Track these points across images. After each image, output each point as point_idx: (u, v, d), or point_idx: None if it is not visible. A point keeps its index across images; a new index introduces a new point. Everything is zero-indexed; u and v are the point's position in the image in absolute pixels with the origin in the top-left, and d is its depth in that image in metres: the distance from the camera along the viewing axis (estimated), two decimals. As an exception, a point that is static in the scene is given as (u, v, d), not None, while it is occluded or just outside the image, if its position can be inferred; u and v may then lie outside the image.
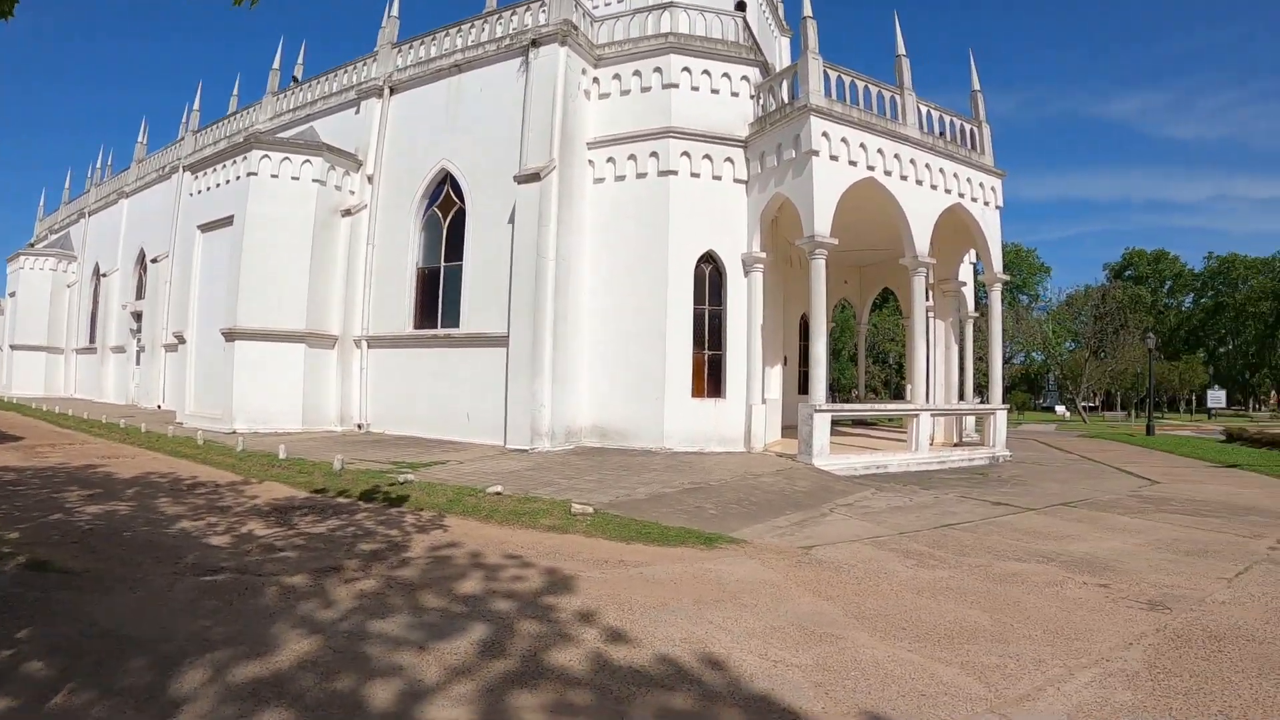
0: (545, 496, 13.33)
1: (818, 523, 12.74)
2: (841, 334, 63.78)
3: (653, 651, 6.37)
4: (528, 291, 19.99)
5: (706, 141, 21.36)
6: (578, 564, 9.17)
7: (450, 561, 9.11)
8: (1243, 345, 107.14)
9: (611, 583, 8.40)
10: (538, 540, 10.45)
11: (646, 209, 21.20)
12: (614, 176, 21.70)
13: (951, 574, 9.39)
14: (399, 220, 24.60)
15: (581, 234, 21.47)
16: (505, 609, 7.33)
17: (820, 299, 19.39)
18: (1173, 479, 19.87)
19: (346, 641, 6.37)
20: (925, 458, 20.99)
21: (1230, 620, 7.73)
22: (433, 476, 15.31)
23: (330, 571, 8.48)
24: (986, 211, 23.79)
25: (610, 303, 21.34)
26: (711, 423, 21.03)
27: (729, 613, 7.51)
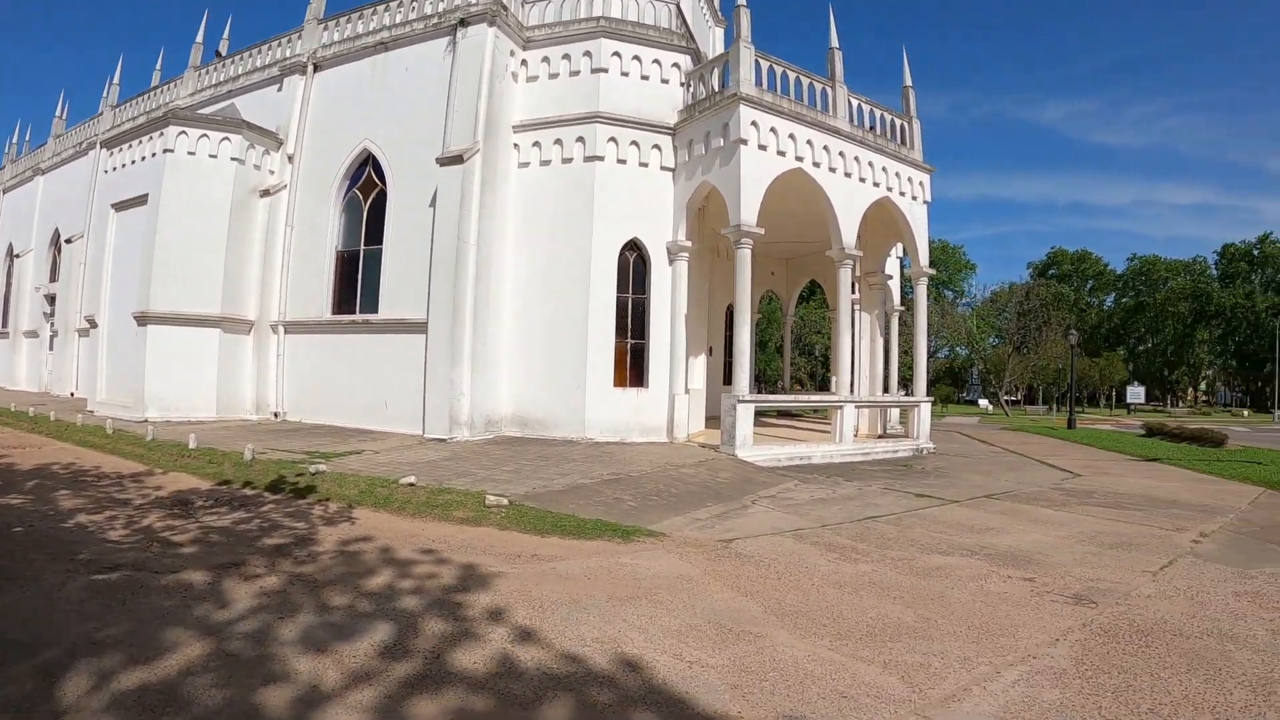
0: (460, 488, 12.84)
1: (739, 515, 12.45)
2: (767, 325, 63.90)
3: (563, 653, 6.01)
4: (448, 277, 19.44)
5: (634, 128, 21.01)
6: (490, 559, 8.76)
7: (358, 557, 8.64)
8: (1161, 344, 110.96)
9: (524, 578, 8.01)
10: (450, 534, 10.02)
11: (571, 195, 20.79)
12: (539, 161, 21.22)
13: (874, 568, 9.15)
14: (319, 202, 23.80)
15: (504, 219, 20.97)
16: (412, 607, 6.92)
17: (745, 289, 19.17)
18: (1095, 472, 19.99)
19: (243, 644, 5.91)
20: (849, 449, 20.91)
21: (1156, 615, 7.62)
22: (346, 467, 14.71)
23: (231, 568, 7.98)
24: (914, 206, 23.79)
25: (533, 289, 20.90)
26: (634, 413, 20.73)
27: (644, 610, 7.17)
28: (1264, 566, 9.96)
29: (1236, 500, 15.65)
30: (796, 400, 27.55)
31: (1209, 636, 6.98)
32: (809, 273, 35.28)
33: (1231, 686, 5.81)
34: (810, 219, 22.92)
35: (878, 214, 23.07)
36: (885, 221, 23.96)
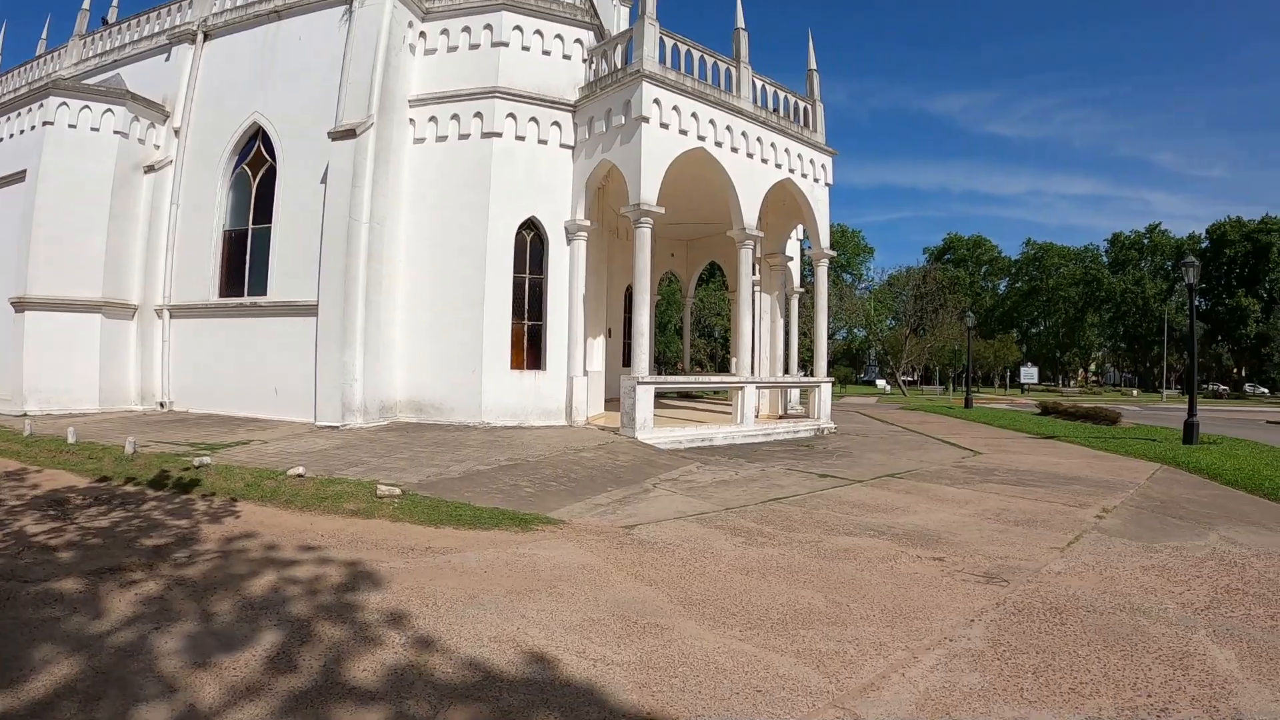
0: (351, 478, 12.16)
1: (640, 499, 12.11)
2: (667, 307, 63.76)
3: (460, 655, 5.54)
4: (339, 256, 18.65)
5: (534, 104, 20.41)
6: (382, 553, 8.23)
7: (243, 556, 7.99)
8: (1053, 326, 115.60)
9: (418, 574, 7.50)
10: (340, 527, 9.41)
11: (468, 172, 20.09)
12: (435, 137, 20.49)
13: (781, 551, 8.87)
14: (206, 178, 22.58)
15: (398, 196, 20.19)
16: (300, 611, 6.34)
17: (645, 269, 18.84)
18: (994, 450, 20.20)
19: (116, 659, 5.28)
20: (750, 430, 20.77)
21: (1068, 591, 7.58)
22: (233, 458, 13.86)
23: (108, 573, 7.26)
24: (816, 188, 23.74)
25: (427, 269, 20.17)
26: (532, 396, 20.22)
27: (544, 604, 6.74)
28: (1167, 540, 10.06)
29: (1135, 476, 15.88)
30: (697, 382, 27.26)
31: (1121, 611, 6.97)
32: (709, 254, 35.16)
33: (1149, 662, 5.79)
34: (711, 200, 22.67)
35: (779, 196, 22.97)
36: (787, 203, 23.88)
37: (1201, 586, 7.92)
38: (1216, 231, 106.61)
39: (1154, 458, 18.59)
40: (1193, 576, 8.30)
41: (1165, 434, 24.70)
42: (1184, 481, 15.53)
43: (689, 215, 27.15)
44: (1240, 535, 10.60)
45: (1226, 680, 5.48)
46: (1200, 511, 12.36)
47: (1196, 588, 7.87)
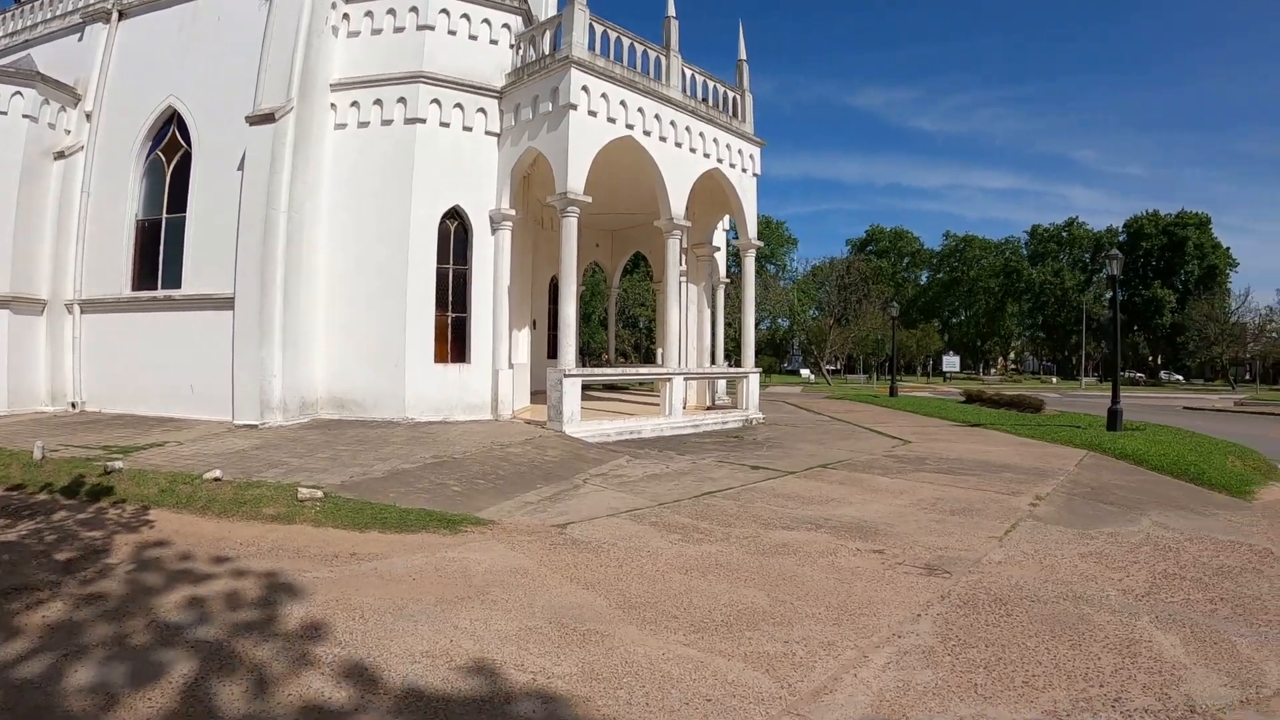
0: (271, 480, 11.53)
1: (571, 496, 11.76)
2: (592, 298, 63.63)
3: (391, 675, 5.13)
4: (256, 246, 17.89)
5: (459, 90, 19.81)
6: (304, 562, 7.76)
7: (158, 568, 7.44)
8: (974, 316, 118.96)
9: (342, 584, 7.07)
10: (259, 535, 8.89)
11: (390, 159, 19.45)
12: (357, 122, 19.75)
13: (719, 548, 8.62)
14: (119, 165, 21.46)
15: (319, 184, 19.44)
16: (217, 633, 5.79)
17: (571, 258, 18.46)
18: (924, 438, 20.22)
19: (16, 695, 4.73)
20: (679, 422, 20.56)
21: (1010, 581, 7.57)
22: (147, 462, 13.07)
23: (13, 594, 6.62)
24: (744, 178, 23.56)
25: (348, 260, 19.48)
26: (457, 390, 19.69)
27: (478, 613, 6.37)
28: (1101, 527, 10.14)
29: (1063, 463, 15.98)
30: (625, 373, 26.70)
31: (1065, 600, 6.98)
32: (634, 244, 34.68)
33: (1098, 651, 5.79)
34: (638, 189, 22.43)
35: (707, 185, 22.73)
36: (714, 193, 23.66)
37: (1140, 572, 7.99)
38: (1134, 225, 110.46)
39: (1080, 444, 18.76)
40: (1130, 563, 8.38)
41: (1089, 421, 24.97)
42: (1112, 467, 15.68)
43: (615, 205, 26.84)
44: (1171, 520, 10.78)
45: (1175, 667, 5.52)
46: (1130, 497, 12.49)
47: (1135, 574, 7.93)
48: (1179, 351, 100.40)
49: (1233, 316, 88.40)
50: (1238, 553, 9.05)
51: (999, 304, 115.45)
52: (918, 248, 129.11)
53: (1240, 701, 5.05)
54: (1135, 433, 21.03)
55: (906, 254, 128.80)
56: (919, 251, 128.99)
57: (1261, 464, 16.91)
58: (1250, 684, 5.29)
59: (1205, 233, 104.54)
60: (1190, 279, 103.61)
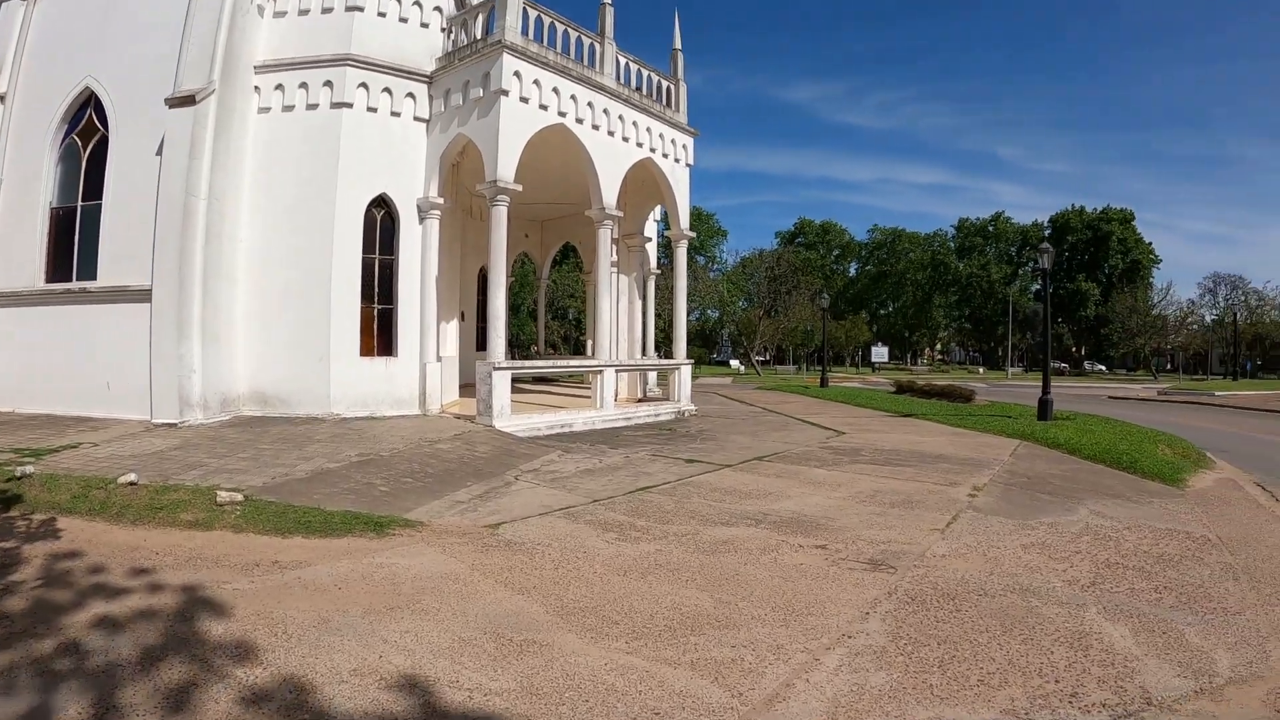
0: (189, 483, 10.85)
1: (503, 494, 11.37)
2: (521, 289, 63.00)
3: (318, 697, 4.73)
4: (174, 236, 17.11)
5: (389, 74, 19.19)
6: (224, 572, 7.22)
7: (67, 583, 6.81)
8: (902, 308, 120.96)
9: (263, 595, 6.59)
10: (176, 543, 8.28)
11: (315, 144, 18.77)
12: (282, 106, 19.00)
13: (658, 547, 8.34)
14: (33, 150, 20.21)
15: (241, 170, 18.68)
16: (130, 654, 5.27)
17: (500, 248, 18.06)
18: (857, 429, 20.16)
19: None
20: (611, 415, 20.29)
21: (957, 575, 7.47)
22: (60, 465, 12.20)
23: None
24: (677, 168, 23.33)
25: (271, 250, 18.74)
26: (383, 384, 19.16)
27: (408, 624, 5.95)
28: (1041, 517, 10.17)
29: (998, 453, 16.05)
30: (555, 366, 26.40)
31: (1012, 593, 6.92)
32: (564, 235, 34.35)
33: (1050, 645, 5.75)
34: (569, 179, 22.10)
35: (640, 175, 22.50)
36: (647, 183, 23.42)
37: (1083, 563, 7.99)
38: (1060, 220, 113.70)
39: (1013, 434, 18.88)
40: (1072, 553, 8.39)
41: (1020, 411, 25.19)
42: (1045, 457, 15.81)
43: (545, 195, 26.51)
44: (1108, 509, 10.86)
45: (1127, 659, 5.52)
46: (1066, 486, 12.58)
47: (1079, 564, 7.93)
48: (1102, 343, 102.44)
49: (1155, 309, 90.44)
50: (1176, 540, 9.12)
51: (927, 296, 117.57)
52: (846, 240, 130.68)
53: (1195, 691, 5.07)
54: (1066, 422, 21.23)
55: (835, 246, 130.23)
56: (848, 244, 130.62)
57: (1191, 452, 17.12)
58: (1202, 673, 5.33)
59: (1129, 228, 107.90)
60: (1114, 273, 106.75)
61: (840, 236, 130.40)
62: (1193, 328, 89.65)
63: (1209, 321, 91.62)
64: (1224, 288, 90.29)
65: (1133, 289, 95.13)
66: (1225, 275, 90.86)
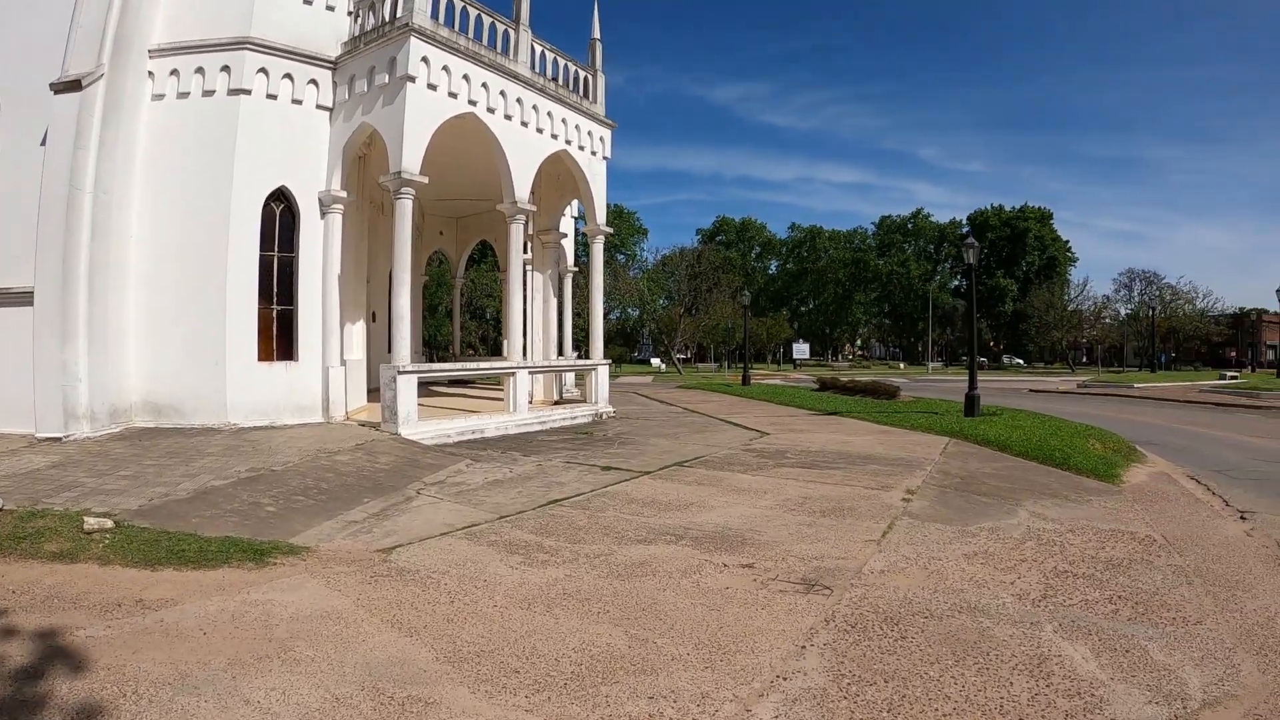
0: (58, 508, 9.65)
1: (402, 510, 10.47)
2: (437, 289, 61.97)
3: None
4: (57, 232, 15.74)
5: (291, 59, 17.99)
6: (81, 614, 6.24)
7: None
8: (823, 305, 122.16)
9: (120, 644, 5.62)
10: (37, 577, 7.22)
11: (211, 133, 17.47)
12: (177, 93, 17.63)
13: (568, 571, 7.54)
14: None
15: (131, 161, 17.27)
16: None
17: (405, 243, 17.11)
18: (782, 429, 19.64)
19: None
20: (525, 419, 19.48)
21: (898, 594, 6.88)
22: None
23: None
24: (594, 161, 22.55)
25: (164, 247, 17.39)
26: (284, 390, 17.94)
27: (276, 679, 5.06)
28: (980, 521, 9.80)
29: (928, 451, 15.66)
30: (465, 368, 25.53)
31: (960, 613, 6.39)
32: (480, 232, 33.23)
33: (1008, 674, 5.27)
34: (483, 173, 21.21)
35: (555, 168, 21.78)
36: (563, 177, 22.71)
37: (1030, 573, 7.56)
38: (979, 218, 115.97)
39: (941, 431, 18.60)
40: (1018, 561, 7.98)
41: (946, 407, 24.99)
42: (977, 455, 15.49)
43: (459, 191, 25.76)
44: (1048, 510, 10.54)
45: (1093, 685, 5.11)
46: (1002, 486, 12.24)
47: (1026, 575, 7.50)
48: (1020, 337, 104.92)
49: (1071, 304, 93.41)
50: (1122, 543, 8.82)
51: (847, 293, 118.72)
52: (767, 238, 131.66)
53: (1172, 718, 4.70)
54: (994, 418, 21.04)
55: (756, 244, 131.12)
56: (768, 241, 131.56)
57: (1122, 446, 17.09)
58: (1175, 696, 4.97)
59: (1046, 226, 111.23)
60: (1031, 269, 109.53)
61: (760, 234, 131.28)
62: (1107, 322, 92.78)
63: (1123, 315, 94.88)
64: (1139, 283, 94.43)
65: (1050, 285, 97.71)
66: (1140, 271, 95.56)
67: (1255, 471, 14.97)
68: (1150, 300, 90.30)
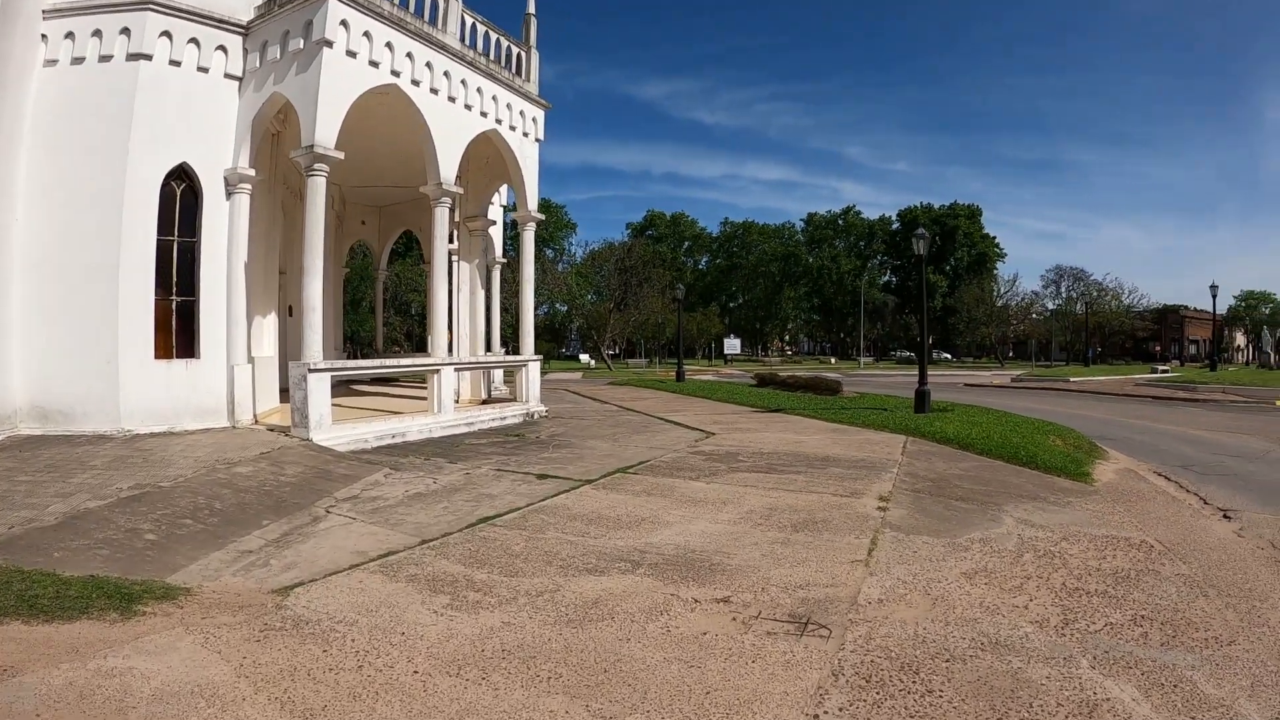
0: None
1: (307, 535, 8.78)
2: (360, 282, 60.24)
3: None
4: (-71, 215, 14.03)
5: (197, 21, 16.12)
6: None
7: None
8: (753, 300, 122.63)
9: None
10: None
11: (107, 104, 15.57)
12: (71, 58, 15.71)
13: (505, 618, 6.07)
14: None
15: (17, 134, 15.36)
16: None
17: (318, 226, 15.43)
18: (726, 428, 18.52)
19: None
20: (451, 420, 17.97)
21: (908, 631, 5.82)
22: None
23: None
24: (526, 143, 21.15)
25: (53, 231, 15.47)
26: (185, 391, 16.08)
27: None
28: (967, 532, 8.90)
29: (888, 451, 14.77)
30: (385, 365, 22.93)
31: (984, 652, 5.47)
32: (404, 222, 31.54)
33: None
34: (407, 158, 19.84)
35: (484, 150, 20.42)
36: (492, 160, 21.33)
37: (1040, 593, 6.77)
38: (908, 215, 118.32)
39: (895, 429, 17.73)
40: (1022, 579, 7.18)
41: (894, 403, 24.27)
42: (939, 454, 14.70)
43: (382, 177, 24.37)
44: (1031, 515, 9.88)
45: None
46: (977, 490, 11.50)
47: (1037, 595, 6.71)
48: (950, 332, 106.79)
49: (1000, 300, 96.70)
50: (1120, 551, 8.26)
51: (777, 288, 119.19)
52: (697, 232, 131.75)
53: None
54: (946, 414, 20.41)
55: (687, 238, 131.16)
56: (699, 236, 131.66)
57: (1083, 443, 16.81)
58: None
59: (975, 223, 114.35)
60: (961, 265, 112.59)
61: (691, 228, 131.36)
62: (1034, 317, 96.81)
63: (1050, 311, 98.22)
64: (1066, 279, 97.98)
65: (979, 280, 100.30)
66: (1068, 268, 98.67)
67: (1219, 467, 14.74)
68: (1079, 296, 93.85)
